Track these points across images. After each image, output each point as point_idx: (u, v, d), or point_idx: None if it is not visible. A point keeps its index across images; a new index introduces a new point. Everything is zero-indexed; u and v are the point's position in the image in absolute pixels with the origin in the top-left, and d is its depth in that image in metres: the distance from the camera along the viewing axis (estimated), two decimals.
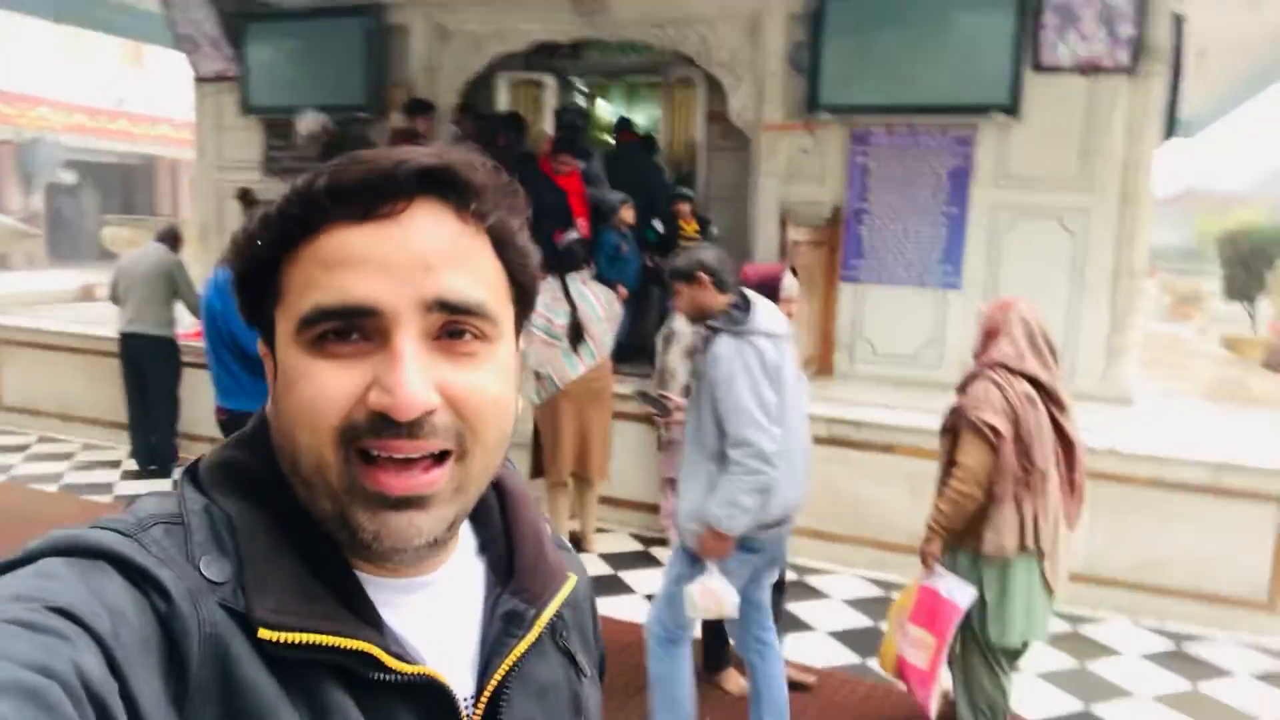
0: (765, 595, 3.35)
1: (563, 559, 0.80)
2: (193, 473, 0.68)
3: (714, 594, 3.05)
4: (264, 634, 0.58)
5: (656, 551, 5.54)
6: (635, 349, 6.26)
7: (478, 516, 0.74)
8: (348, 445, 0.61)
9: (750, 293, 3.17)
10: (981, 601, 3.14)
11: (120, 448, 6.96)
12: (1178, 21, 5.80)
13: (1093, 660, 4.40)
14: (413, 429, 0.60)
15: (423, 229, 0.62)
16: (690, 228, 6.88)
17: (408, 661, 0.63)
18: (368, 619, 0.64)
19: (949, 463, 3.18)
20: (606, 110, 9.49)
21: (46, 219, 22.02)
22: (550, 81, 8.25)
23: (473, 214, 0.65)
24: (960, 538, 3.19)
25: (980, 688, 3.26)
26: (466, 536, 0.74)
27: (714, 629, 3.77)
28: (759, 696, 3.29)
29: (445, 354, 0.63)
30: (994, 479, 3.07)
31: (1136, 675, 4.27)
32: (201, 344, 4.77)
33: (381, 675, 0.62)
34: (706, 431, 3.07)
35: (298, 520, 0.65)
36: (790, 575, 4.45)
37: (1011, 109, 5.84)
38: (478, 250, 0.65)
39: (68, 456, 7.07)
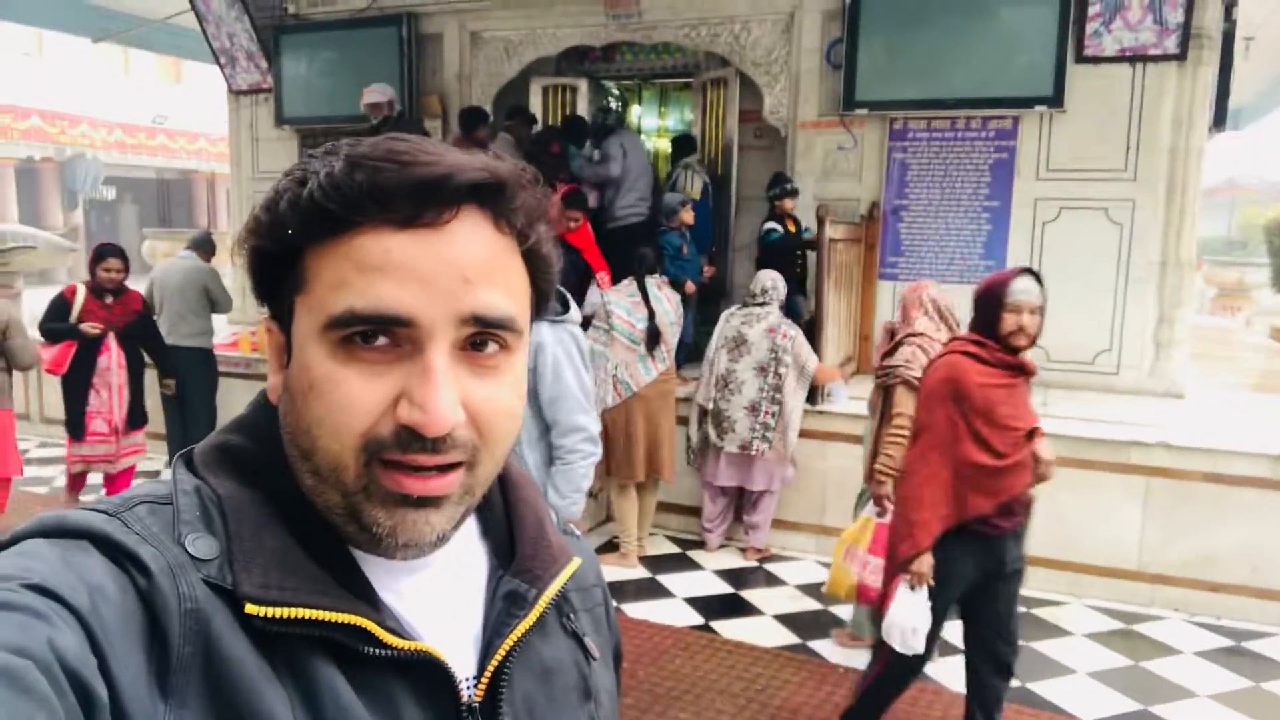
0: None
1: (566, 542, 0.79)
2: (188, 457, 0.67)
3: None
4: (251, 609, 0.58)
5: (695, 555, 5.52)
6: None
7: (480, 502, 0.74)
8: (370, 455, 0.61)
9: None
10: None
11: (159, 458, 7.01)
12: (1228, 8, 5.68)
13: (1148, 659, 4.31)
14: (437, 443, 0.60)
15: (464, 242, 0.62)
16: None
17: (404, 638, 0.63)
18: (362, 595, 0.63)
19: (883, 416, 3.92)
20: (635, 114, 9.47)
21: (86, 234, 22.45)
22: (583, 86, 8.25)
23: (511, 226, 0.65)
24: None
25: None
26: (469, 521, 0.74)
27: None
28: None
29: (470, 365, 0.63)
30: None
31: (1194, 673, 4.19)
32: (237, 354, 4.74)
33: (376, 651, 0.61)
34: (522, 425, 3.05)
35: (293, 501, 0.64)
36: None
37: (1055, 101, 5.76)
38: (510, 261, 0.65)
39: None
